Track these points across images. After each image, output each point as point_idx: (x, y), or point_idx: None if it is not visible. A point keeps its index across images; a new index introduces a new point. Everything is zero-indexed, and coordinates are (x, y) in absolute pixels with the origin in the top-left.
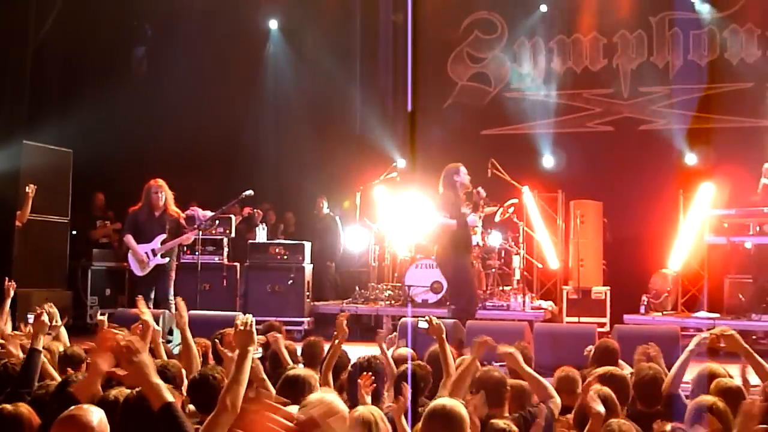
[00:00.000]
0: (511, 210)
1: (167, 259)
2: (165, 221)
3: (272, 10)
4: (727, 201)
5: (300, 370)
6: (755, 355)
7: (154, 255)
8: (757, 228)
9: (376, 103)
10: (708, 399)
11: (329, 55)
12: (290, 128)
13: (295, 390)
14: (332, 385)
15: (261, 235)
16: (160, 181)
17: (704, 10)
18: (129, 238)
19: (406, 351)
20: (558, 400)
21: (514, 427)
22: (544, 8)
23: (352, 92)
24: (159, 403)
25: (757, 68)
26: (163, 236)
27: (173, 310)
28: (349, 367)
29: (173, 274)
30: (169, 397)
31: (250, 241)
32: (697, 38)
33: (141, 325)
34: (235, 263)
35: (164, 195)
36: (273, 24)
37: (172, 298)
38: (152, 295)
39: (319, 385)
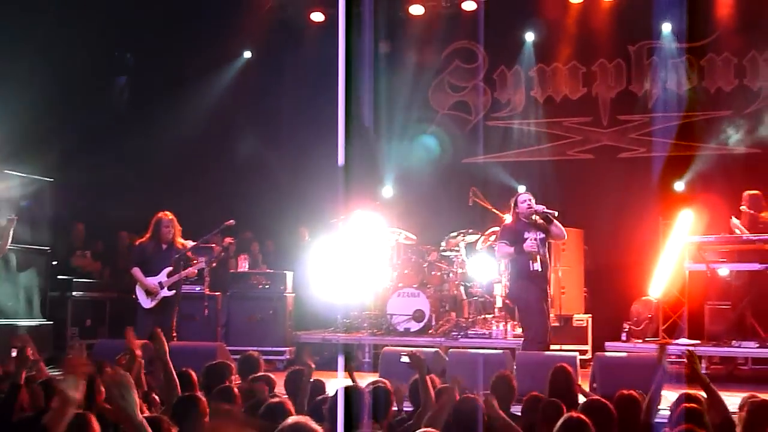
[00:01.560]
0: (492, 238)
1: (173, 292)
2: (172, 254)
3: (251, 40)
4: (706, 228)
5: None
6: (711, 386)
7: (161, 288)
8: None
9: (356, 133)
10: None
11: (309, 84)
12: (272, 158)
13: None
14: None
15: (243, 264)
16: (170, 215)
17: (680, 40)
18: (137, 271)
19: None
20: None
21: None
22: (529, 37)
23: (333, 121)
24: None
25: (735, 96)
26: (170, 269)
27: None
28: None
29: (178, 308)
30: None
31: (232, 270)
32: (675, 67)
33: (127, 356)
34: (217, 293)
35: (173, 229)
36: (247, 54)
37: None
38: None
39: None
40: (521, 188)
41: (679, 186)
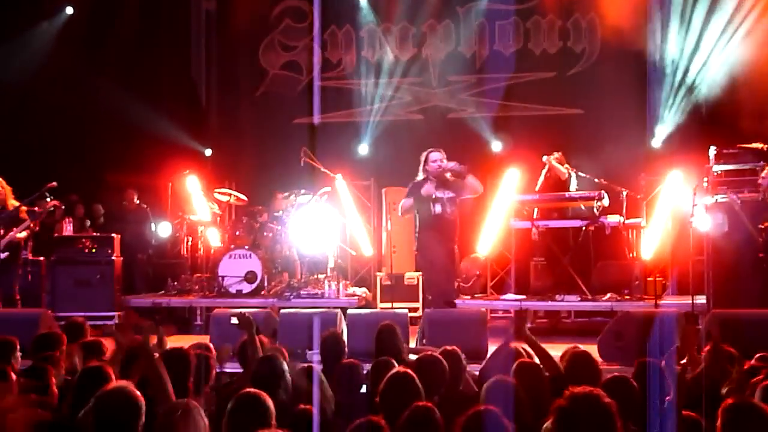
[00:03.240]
0: (324, 198)
1: (7, 254)
2: (2, 216)
3: None
4: (527, 187)
5: None
6: (538, 343)
7: None
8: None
9: (186, 92)
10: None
11: (135, 44)
12: (96, 120)
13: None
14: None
15: (68, 228)
16: None
17: (509, 0)
18: None
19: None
20: None
21: None
22: None
23: (159, 81)
24: None
25: (559, 58)
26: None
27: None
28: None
29: (20, 271)
30: None
31: (56, 234)
32: (502, 29)
33: None
34: (40, 258)
35: (3, 190)
36: (69, 10)
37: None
38: None
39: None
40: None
41: (505, 146)
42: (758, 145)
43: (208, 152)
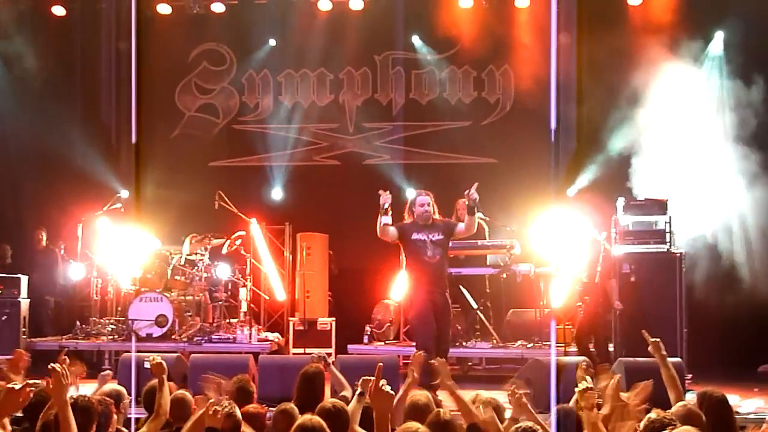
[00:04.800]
0: (238, 242)
1: None
2: None
3: None
4: None
5: None
6: (458, 392)
7: None
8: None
9: (98, 133)
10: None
11: (48, 84)
12: (7, 159)
13: None
14: None
15: None
16: None
17: (425, 51)
18: None
19: (115, 388)
20: None
21: None
22: (272, 42)
23: (71, 122)
24: None
25: (474, 108)
26: None
27: None
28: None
29: None
30: None
31: None
32: (418, 78)
33: None
34: None
35: None
36: None
37: None
38: None
39: None
40: (412, 191)
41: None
42: (664, 198)
43: (125, 193)
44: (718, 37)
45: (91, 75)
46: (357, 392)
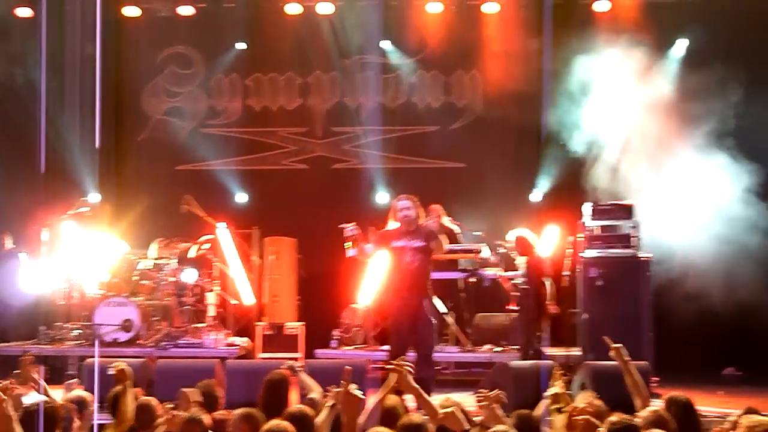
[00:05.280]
0: (206, 246)
1: None
2: None
3: None
4: None
5: None
6: (423, 394)
7: None
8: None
9: (63, 136)
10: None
11: (11, 86)
12: None
13: None
14: None
15: None
16: None
17: (394, 56)
18: None
19: (80, 394)
20: None
21: None
22: (240, 46)
23: (35, 125)
24: None
25: (442, 112)
26: None
27: None
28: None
29: None
30: None
31: None
32: (387, 82)
33: None
34: None
35: None
36: None
37: None
38: None
39: None
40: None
41: (389, 196)
42: (630, 203)
43: (92, 197)
44: (682, 44)
45: (56, 78)
46: (328, 404)
